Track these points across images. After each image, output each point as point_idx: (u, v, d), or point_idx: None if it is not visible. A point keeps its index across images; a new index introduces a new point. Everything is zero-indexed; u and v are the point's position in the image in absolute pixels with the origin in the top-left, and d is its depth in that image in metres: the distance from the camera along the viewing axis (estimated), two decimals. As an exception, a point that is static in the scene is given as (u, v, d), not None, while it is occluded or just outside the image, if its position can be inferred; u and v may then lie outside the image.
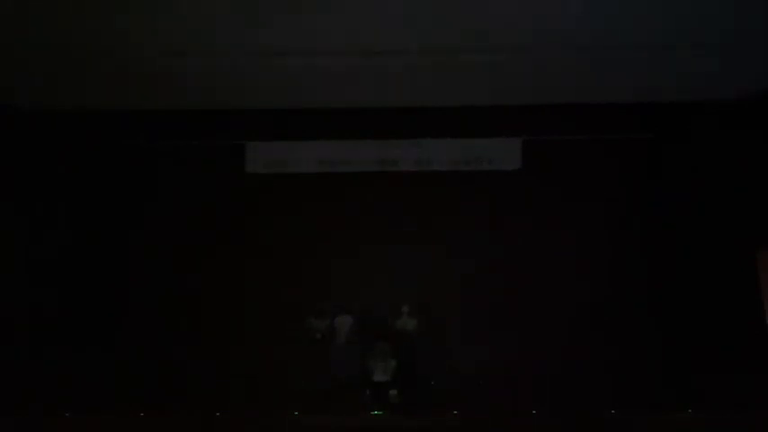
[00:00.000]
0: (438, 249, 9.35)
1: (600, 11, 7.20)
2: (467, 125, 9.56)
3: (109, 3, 7.03)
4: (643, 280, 9.14)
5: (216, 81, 8.62)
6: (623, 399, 7.42)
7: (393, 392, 7.67)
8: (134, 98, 9.01)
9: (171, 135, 9.62)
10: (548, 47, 7.85)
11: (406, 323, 8.34)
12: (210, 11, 7.17)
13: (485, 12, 7.20)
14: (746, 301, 8.52)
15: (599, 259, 9.24)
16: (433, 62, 8.18)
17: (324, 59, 8.11)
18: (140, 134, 9.58)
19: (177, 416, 6.79)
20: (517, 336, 8.75)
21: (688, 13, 7.19)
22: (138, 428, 6.70)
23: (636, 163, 9.56)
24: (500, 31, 7.55)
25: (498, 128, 9.54)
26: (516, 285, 9.08)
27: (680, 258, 9.08)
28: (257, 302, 9.08)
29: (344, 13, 7.23)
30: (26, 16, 7.16)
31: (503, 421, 6.66)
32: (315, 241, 9.38)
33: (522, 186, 9.49)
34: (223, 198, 9.54)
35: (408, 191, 9.52)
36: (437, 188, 9.53)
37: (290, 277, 9.21)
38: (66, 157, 9.36)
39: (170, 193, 9.53)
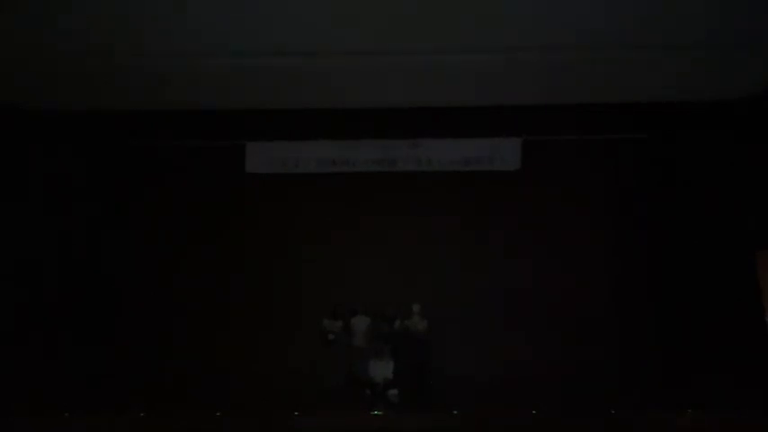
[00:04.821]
0: (437, 249, 9.35)
1: (600, 11, 7.21)
2: (467, 125, 9.55)
3: (109, 3, 7.04)
4: (643, 280, 9.13)
5: (216, 81, 8.62)
6: (623, 399, 7.42)
7: (393, 392, 7.67)
8: (134, 98, 9.01)
9: (171, 135, 9.61)
10: (548, 47, 7.85)
11: (417, 323, 8.31)
12: (210, 11, 7.18)
13: (484, 12, 7.21)
14: (746, 301, 8.52)
15: (599, 259, 9.24)
16: (433, 62, 8.19)
17: (323, 59, 8.11)
18: (140, 134, 9.57)
19: (177, 416, 6.79)
20: (517, 335, 8.75)
21: (688, 13, 7.20)
22: (138, 428, 6.70)
23: (636, 163, 9.55)
24: (500, 31, 7.55)
25: (498, 128, 9.53)
26: (516, 285, 9.07)
27: (679, 258, 9.08)
28: (257, 302, 9.08)
29: (345, 14, 7.24)
30: (26, 16, 7.17)
31: (503, 421, 6.67)
32: (314, 241, 9.37)
33: (522, 186, 9.48)
34: (223, 198, 9.54)
35: (408, 191, 9.52)
36: (437, 188, 9.53)
37: (290, 277, 9.21)
38: (67, 157, 9.36)
39: (170, 193, 9.52)
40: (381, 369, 7.77)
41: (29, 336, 8.51)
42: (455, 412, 6.88)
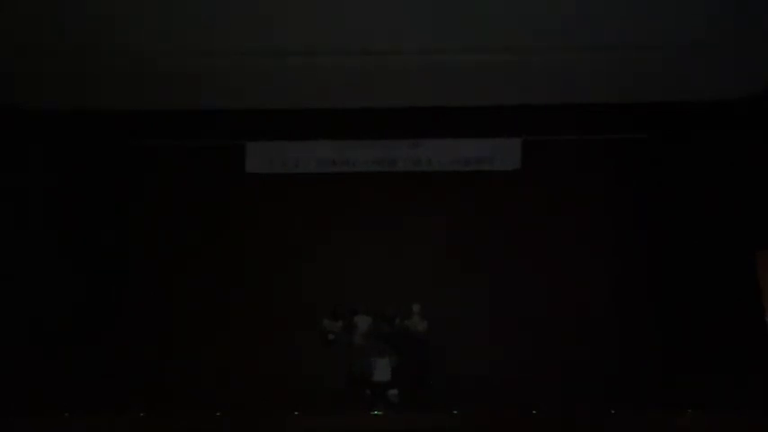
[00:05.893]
0: (438, 250, 9.34)
1: (599, 11, 7.21)
2: (467, 125, 9.55)
3: (110, 3, 7.04)
4: (643, 280, 9.12)
5: (216, 81, 8.62)
6: (623, 399, 7.42)
7: (393, 392, 7.68)
8: (134, 98, 9.01)
9: (171, 135, 9.61)
10: (548, 47, 7.86)
11: (417, 323, 8.31)
12: (210, 11, 7.19)
13: (484, 12, 7.21)
14: (746, 301, 8.52)
15: (599, 259, 9.23)
16: (433, 62, 8.19)
17: (324, 59, 8.11)
18: (140, 134, 9.56)
19: (177, 416, 6.79)
20: (517, 335, 8.75)
21: (687, 12, 7.21)
22: (138, 428, 6.70)
23: (636, 163, 9.54)
24: (500, 30, 7.56)
25: (498, 128, 9.53)
26: (516, 285, 9.07)
27: (679, 258, 9.08)
28: (257, 302, 9.06)
29: (344, 13, 7.25)
30: (26, 16, 7.17)
31: (503, 421, 6.67)
32: (314, 242, 9.36)
33: (522, 186, 9.48)
34: (223, 198, 9.54)
35: (408, 191, 9.51)
36: (437, 188, 9.52)
37: (289, 277, 9.20)
38: (67, 157, 9.35)
39: (170, 193, 9.52)
40: (381, 369, 7.77)
41: (29, 336, 8.51)
42: (455, 412, 6.88)
